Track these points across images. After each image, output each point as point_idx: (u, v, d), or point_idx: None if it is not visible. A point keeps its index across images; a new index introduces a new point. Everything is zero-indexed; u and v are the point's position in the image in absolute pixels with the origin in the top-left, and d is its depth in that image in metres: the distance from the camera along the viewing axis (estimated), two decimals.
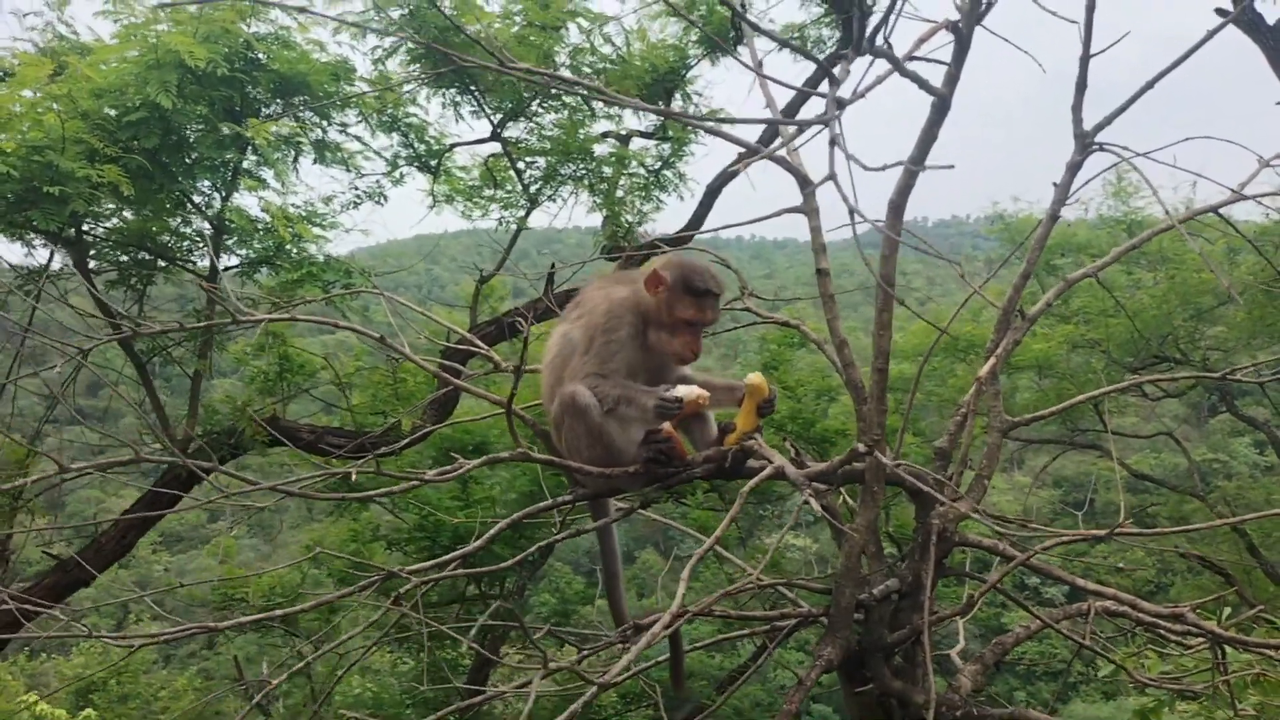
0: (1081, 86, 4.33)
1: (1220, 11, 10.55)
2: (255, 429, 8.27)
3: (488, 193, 11.18)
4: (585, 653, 4.05)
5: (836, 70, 3.38)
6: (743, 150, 11.32)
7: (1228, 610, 6.23)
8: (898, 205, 4.00)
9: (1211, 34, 4.39)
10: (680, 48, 11.49)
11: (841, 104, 3.18)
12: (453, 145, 11.05)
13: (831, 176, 2.68)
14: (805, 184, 4.44)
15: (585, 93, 8.26)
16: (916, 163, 3.93)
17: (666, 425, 3.70)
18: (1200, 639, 4.61)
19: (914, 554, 4.27)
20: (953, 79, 3.86)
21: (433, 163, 10.93)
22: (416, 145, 10.75)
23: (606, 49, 10.60)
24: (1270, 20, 11.04)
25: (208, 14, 7.29)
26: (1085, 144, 4.33)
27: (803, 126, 3.11)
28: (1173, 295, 16.62)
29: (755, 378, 3.93)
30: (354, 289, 7.59)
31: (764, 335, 15.61)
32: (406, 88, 10.23)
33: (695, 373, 4.23)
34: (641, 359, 3.92)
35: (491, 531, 3.62)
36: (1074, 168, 4.36)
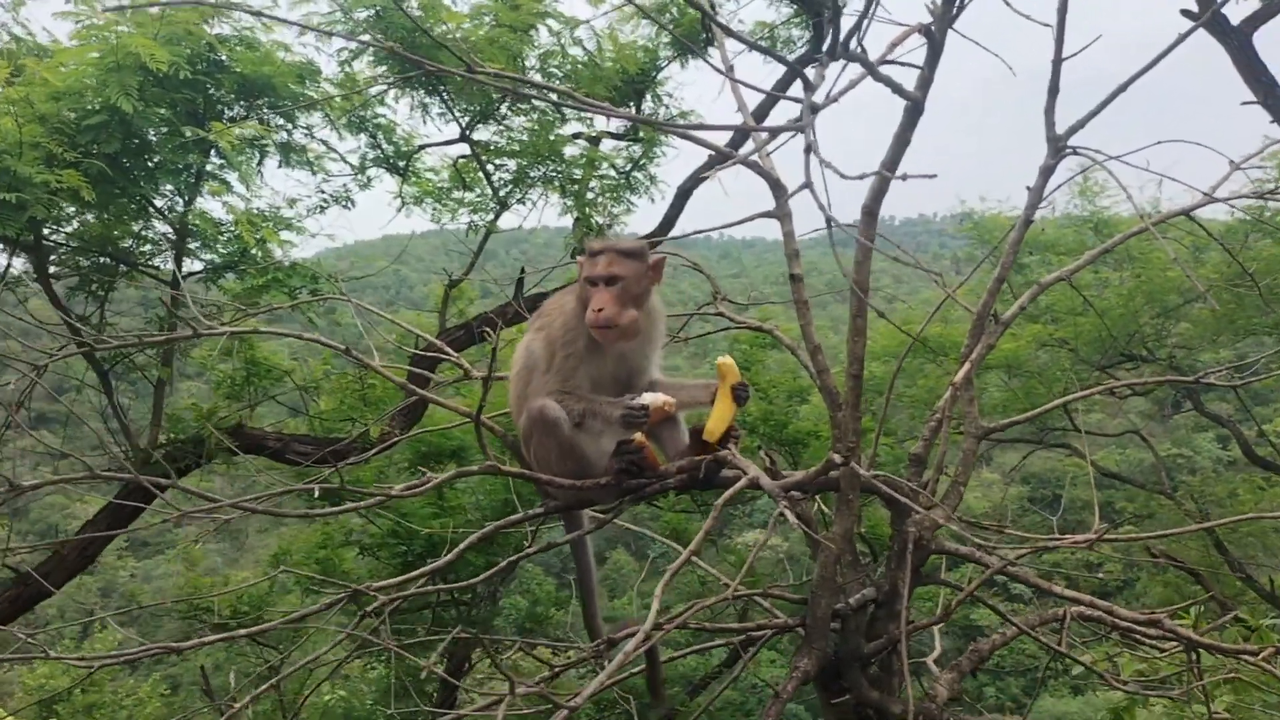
0: (1054, 90, 4.31)
1: (1187, 13, 10.60)
2: (219, 438, 8.12)
3: (457, 195, 11.07)
4: (557, 669, 3.97)
5: (810, 74, 3.31)
6: (714, 154, 11.30)
7: (1199, 610, 6.27)
8: (871, 210, 3.96)
9: (1182, 38, 4.37)
10: (651, 49, 11.43)
11: (815, 109, 3.13)
12: (421, 146, 10.93)
13: (807, 185, 2.62)
14: (778, 189, 4.38)
15: (554, 98, 8.16)
16: (891, 167, 3.89)
17: (638, 435, 3.63)
18: (1174, 642, 4.64)
19: (890, 562, 4.24)
20: (926, 82, 3.82)
21: (401, 164, 10.81)
22: (385, 146, 10.63)
23: (577, 51, 10.54)
24: (1235, 20, 11.10)
25: (170, 15, 7.13)
26: (1058, 148, 4.30)
27: (775, 133, 3.04)
28: (1139, 294, 16.73)
29: (726, 359, 3.95)
30: (321, 295, 7.46)
31: (736, 336, 15.59)
32: (374, 90, 10.11)
33: (666, 377, 4.18)
34: (607, 368, 3.86)
35: (460, 547, 3.55)
36: (1047, 171, 4.34)
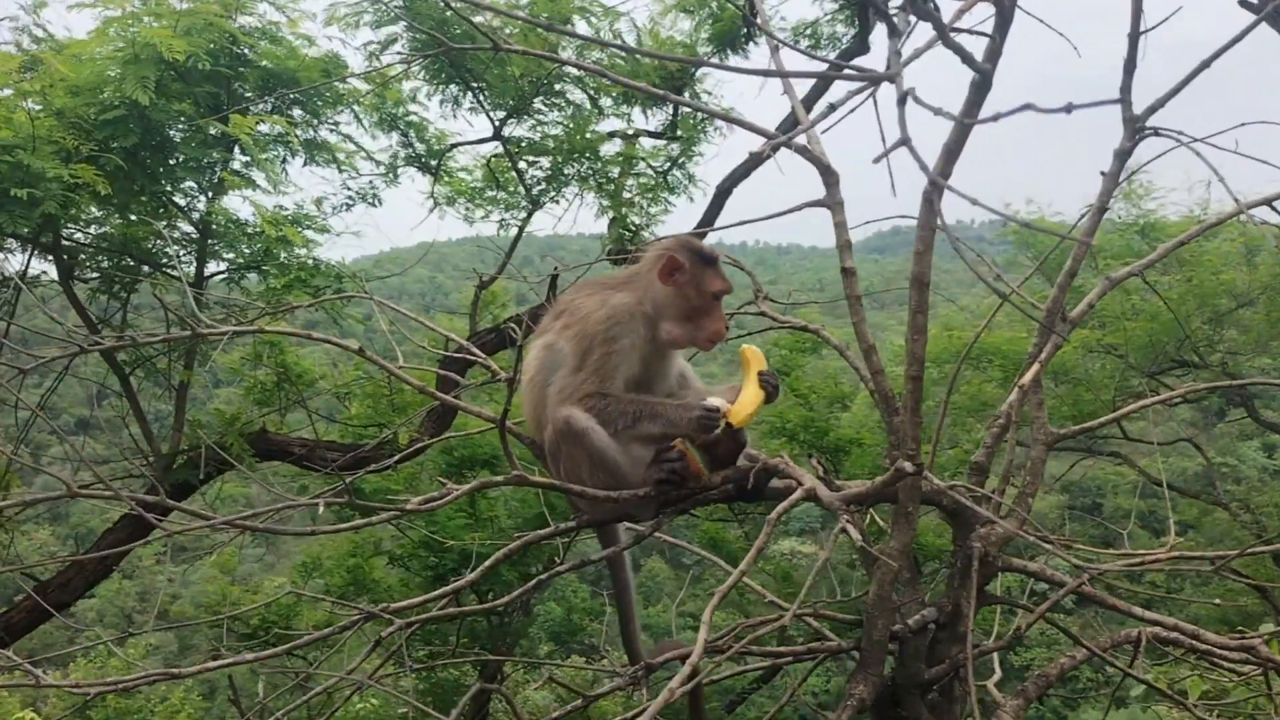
0: (1130, 67, 3.94)
1: (1245, 4, 10.15)
2: (243, 444, 7.88)
3: (490, 194, 10.82)
4: (592, 696, 3.65)
5: (896, 20, 2.98)
6: (763, 143, 10.94)
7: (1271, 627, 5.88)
8: (931, 196, 3.61)
9: (1252, 25, 4.00)
10: (690, 45, 11.16)
11: (903, 58, 2.79)
12: (453, 145, 10.69)
13: (905, 142, 2.28)
14: (828, 175, 4.05)
15: (589, 83, 7.87)
16: (954, 150, 3.54)
17: (678, 441, 3.30)
18: (1255, 665, 4.28)
19: (953, 580, 3.88)
20: (995, 54, 3.47)
21: (433, 163, 10.58)
22: (416, 145, 10.41)
23: (615, 43, 10.25)
24: None
25: (192, 8, 6.91)
26: (1136, 129, 3.93)
27: (870, 79, 2.71)
28: (1190, 298, 16.22)
29: (750, 347, 3.74)
30: (344, 294, 7.19)
31: (775, 340, 15.22)
32: (406, 84, 9.88)
33: (695, 378, 3.88)
34: (637, 368, 3.54)
35: (485, 565, 3.25)
36: (1123, 154, 3.97)
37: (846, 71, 3.55)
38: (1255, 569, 15.45)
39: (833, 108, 2.88)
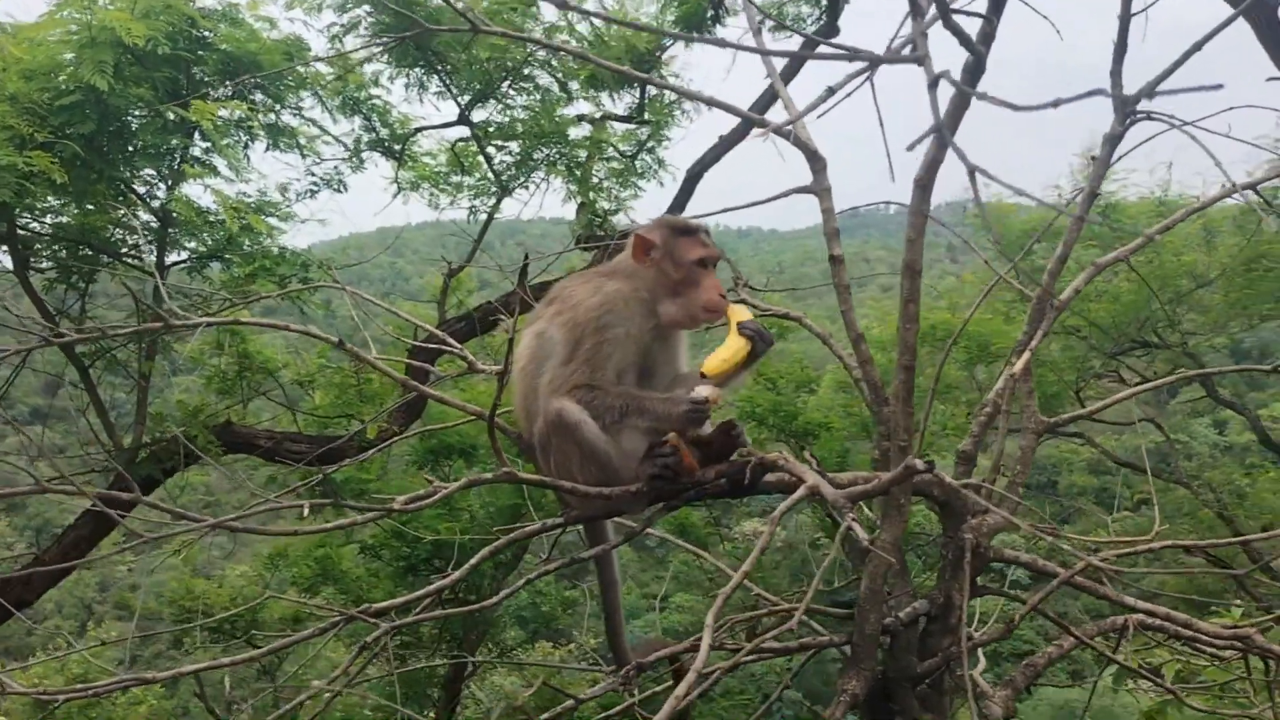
0: (1121, 50, 3.89)
1: None
2: (209, 436, 7.68)
3: (455, 179, 10.64)
4: (583, 699, 3.56)
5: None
6: (755, 130, 10.79)
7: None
8: (925, 182, 3.53)
9: (1235, 15, 3.95)
10: (656, 23, 11.02)
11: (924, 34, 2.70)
12: (418, 129, 10.51)
13: (939, 129, 2.19)
14: (815, 161, 3.97)
15: (559, 59, 7.71)
16: (949, 134, 3.47)
17: (672, 435, 3.20)
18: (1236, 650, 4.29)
19: (944, 572, 3.82)
20: (988, 36, 3.40)
21: (397, 147, 10.39)
22: (379, 129, 10.21)
23: (583, 27, 10.10)
24: None
25: None
26: (1127, 112, 3.87)
27: (881, 61, 2.61)
28: (1152, 279, 16.35)
29: (734, 305, 3.61)
30: (311, 283, 7.02)
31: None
32: (369, 67, 9.68)
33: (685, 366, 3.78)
34: (632, 359, 3.45)
35: (469, 564, 3.13)
36: (1114, 139, 3.91)
37: (849, 51, 3.46)
38: (1217, 549, 15.62)
39: (831, 91, 2.79)
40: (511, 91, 9.33)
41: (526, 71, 8.97)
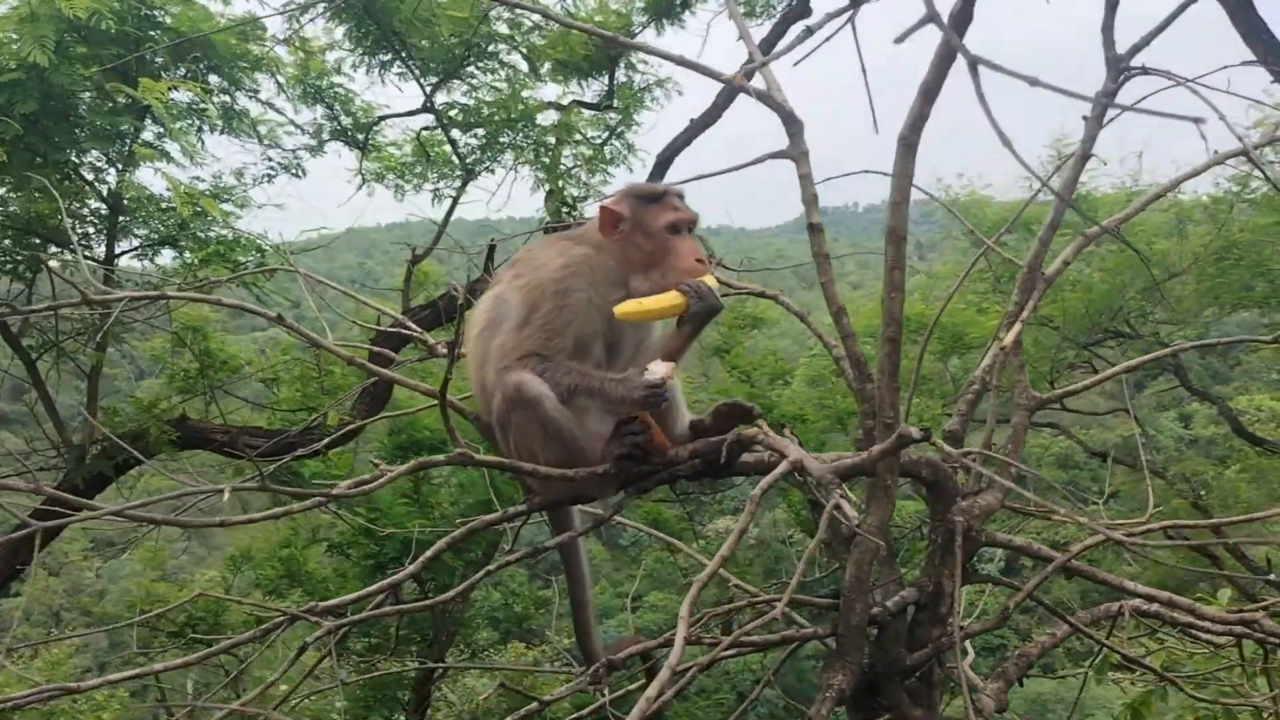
0: (1113, 3, 3.70)
1: None
2: (162, 431, 7.36)
3: (420, 169, 10.37)
4: (550, 699, 3.31)
5: None
6: (701, 115, 10.55)
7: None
8: (910, 141, 3.31)
9: None
10: (624, 14, 10.84)
11: None
12: (381, 117, 10.26)
13: (932, 19, 1.92)
14: (791, 123, 3.74)
15: (524, 35, 7.46)
16: (930, 91, 3.25)
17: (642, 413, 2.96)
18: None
19: (933, 558, 3.60)
20: None
21: (360, 137, 10.12)
22: (342, 118, 9.94)
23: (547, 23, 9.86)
24: None
25: None
26: (1120, 69, 3.68)
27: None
28: (1124, 268, 16.33)
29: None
30: (266, 268, 6.72)
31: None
32: (331, 55, 9.42)
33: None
34: (597, 327, 3.19)
35: (426, 555, 2.89)
36: (1107, 96, 3.71)
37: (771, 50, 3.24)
38: (1192, 535, 15.58)
39: (810, 31, 2.57)
40: (477, 72, 9.04)
41: (491, 49, 8.68)
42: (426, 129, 10.27)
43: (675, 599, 17.67)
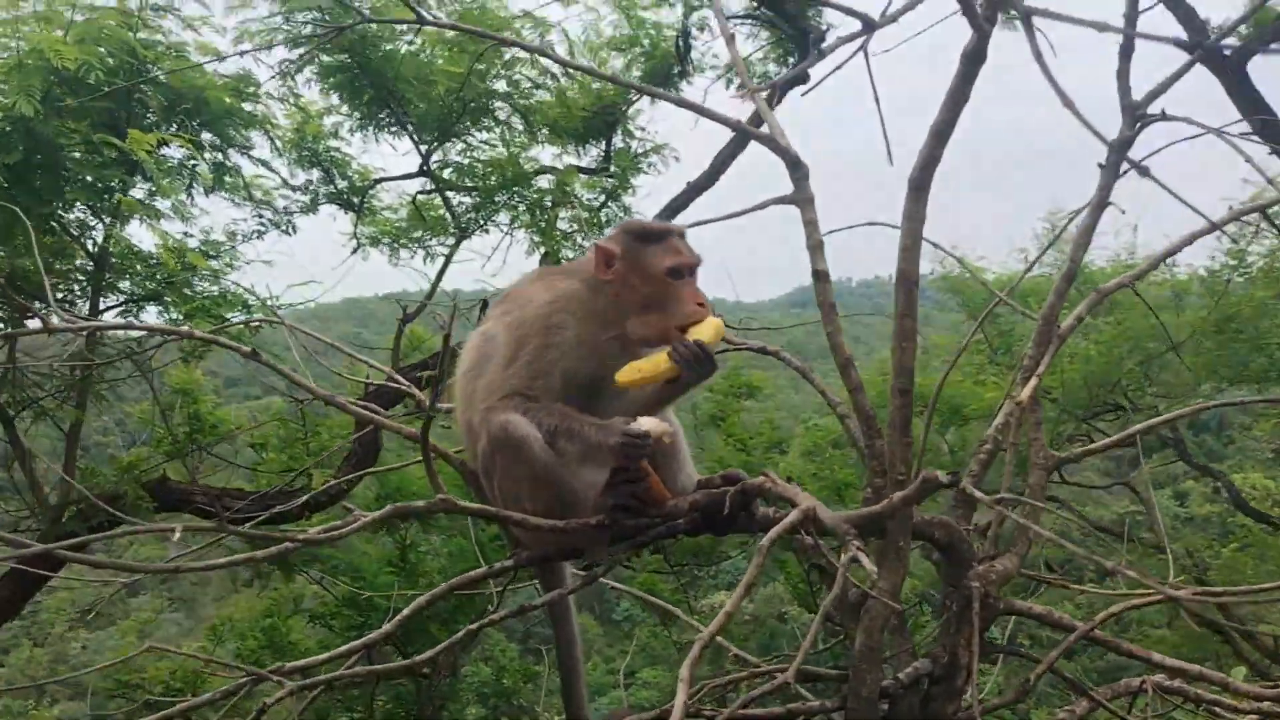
0: (1127, 50, 3.59)
1: (1181, 44, 10.05)
2: (139, 492, 7.11)
3: (416, 234, 10.28)
4: None
5: None
6: (699, 178, 10.50)
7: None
8: (920, 184, 3.17)
9: (1185, 69, 3.70)
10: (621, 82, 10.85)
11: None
12: (377, 180, 10.19)
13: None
14: (796, 168, 3.60)
15: (527, 92, 7.38)
16: (944, 131, 3.11)
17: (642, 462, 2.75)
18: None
19: (948, 627, 3.38)
20: (990, 17, 3.05)
21: (356, 200, 10.04)
22: (338, 181, 9.88)
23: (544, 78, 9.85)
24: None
25: (89, 18, 6.27)
26: (1136, 116, 3.55)
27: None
28: (1122, 340, 16.25)
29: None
30: (252, 320, 6.54)
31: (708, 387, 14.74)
32: (329, 119, 9.37)
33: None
34: (585, 370, 3.01)
35: (403, 613, 2.67)
36: (1123, 145, 3.57)
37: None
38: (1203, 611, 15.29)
39: (822, 53, 2.43)
40: (473, 131, 8.97)
41: (490, 104, 8.61)
42: (423, 193, 10.20)
43: (670, 675, 17.22)
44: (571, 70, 9.26)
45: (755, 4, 10.55)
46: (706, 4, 11.21)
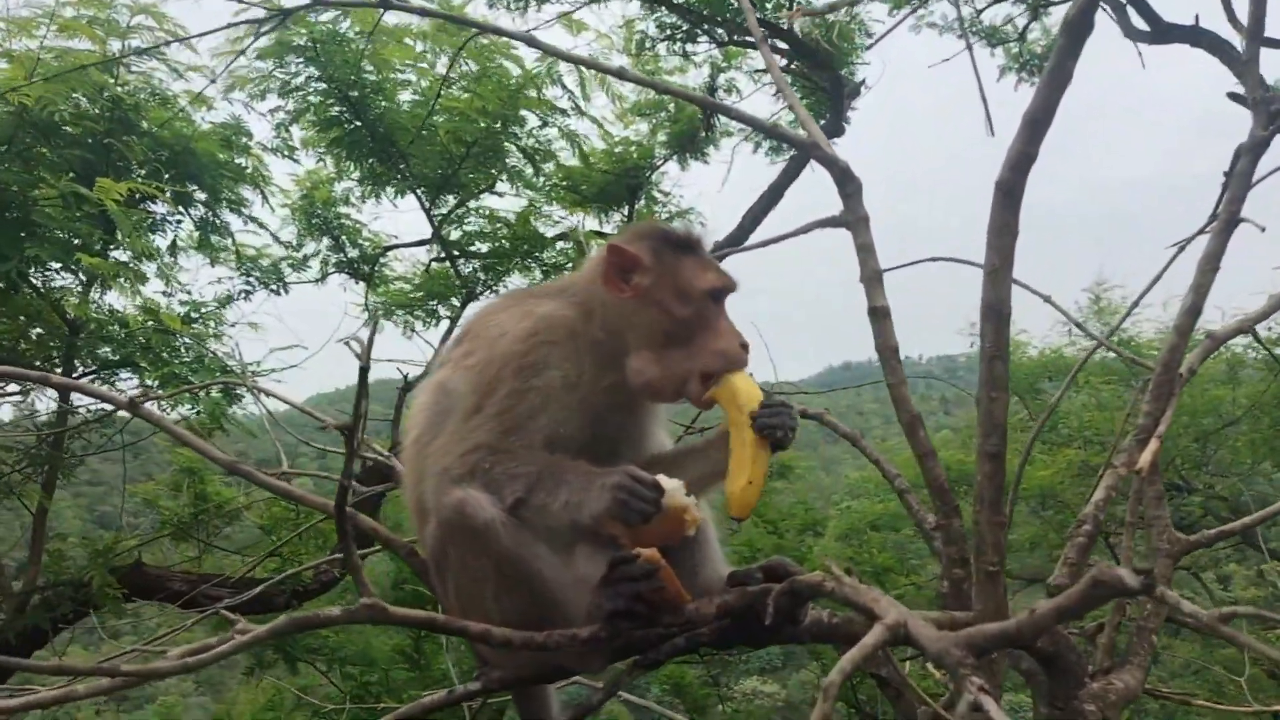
0: (1257, 33, 2.91)
1: (1234, 97, 9.45)
2: (106, 579, 6.40)
3: (430, 304, 9.76)
4: None
5: None
6: (725, 238, 9.93)
7: None
8: (1010, 186, 2.47)
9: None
10: (645, 146, 10.44)
11: None
12: (389, 247, 9.78)
13: None
14: (846, 181, 2.93)
15: (543, 50, 6.83)
16: (1042, 117, 2.43)
17: (649, 550, 1.98)
18: None
19: None
20: None
21: (367, 268, 9.57)
22: (349, 250, 9.42)
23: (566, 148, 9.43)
24: None
25: (59, 54, 5.77)
26: (1272, 112, 2.85)
27: None
28: (1180, 414, 15.44)
29: (733, 376, 2.31)
30: (222, 380, 5.89)
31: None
32: (339, 185, 8.94)
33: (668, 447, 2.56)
34: (575, 424, 2.24)
35: None
36: (1257, 146, 2.86)
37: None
38: None
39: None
40: (479, 181, 8.41)
41: (496, 149, 8.06)
42: (436, 260, 9.73)
43: None
44: (590, 153, 8.75)
45: (789, 61, 10.10)
46: (734, 66, 10.88)
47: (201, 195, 6.92)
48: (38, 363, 7.16)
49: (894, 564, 14.25)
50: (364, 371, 1.67)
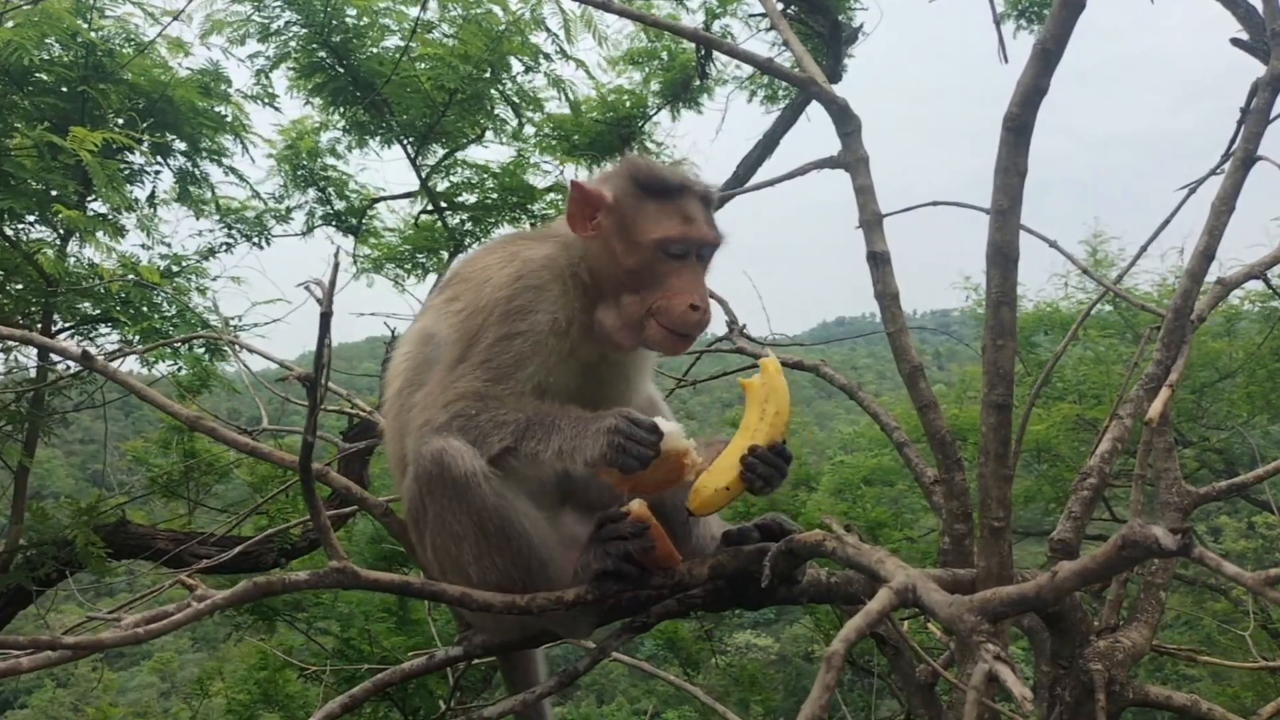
0: None
1: (1236, 42, 9.27)
2: (89, 538, 6.29)
3: (420, 256, 9.58)
4: None
5: None
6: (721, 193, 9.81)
7: None
8: (1019, 123, 2.34)
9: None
10: (638, 95, 10.23)
11: None
12: (375, 200, 9.52)
13: None
14: (845, 119, 2.79)
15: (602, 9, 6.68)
16: (1054, 46, 2.29)
17: (637, 505, 1.88)
18: None
19: None
20: None
21: (354, 221, 9.36)
22: (335, 202, 9.21)
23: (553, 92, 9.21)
24: None
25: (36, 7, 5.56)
26: None
27: None
28: None
29: (769, 361, 2.15)
30: (199, 335, 5.75)
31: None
32: (325, 135, 8.72)
33: (669, 414, 2.42)
34: (566, 371, 2.13)
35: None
36: (1277, 80, 2.72)
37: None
38: None
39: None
40: (464, 129, 8.21)
41: (483, 97, 7.85)
42: (425, 213, 9.53)
43: (695, 716, 16.32)
44: (579, 101, 8.53)
45: (786, 5, 9.87)
46: (729, 13, 10.64)
47: (181, 145, 6.71)
48: (19, 319, 7.02)
49: (888, 519, 14.20)
50: (325, 317, 1.55)
